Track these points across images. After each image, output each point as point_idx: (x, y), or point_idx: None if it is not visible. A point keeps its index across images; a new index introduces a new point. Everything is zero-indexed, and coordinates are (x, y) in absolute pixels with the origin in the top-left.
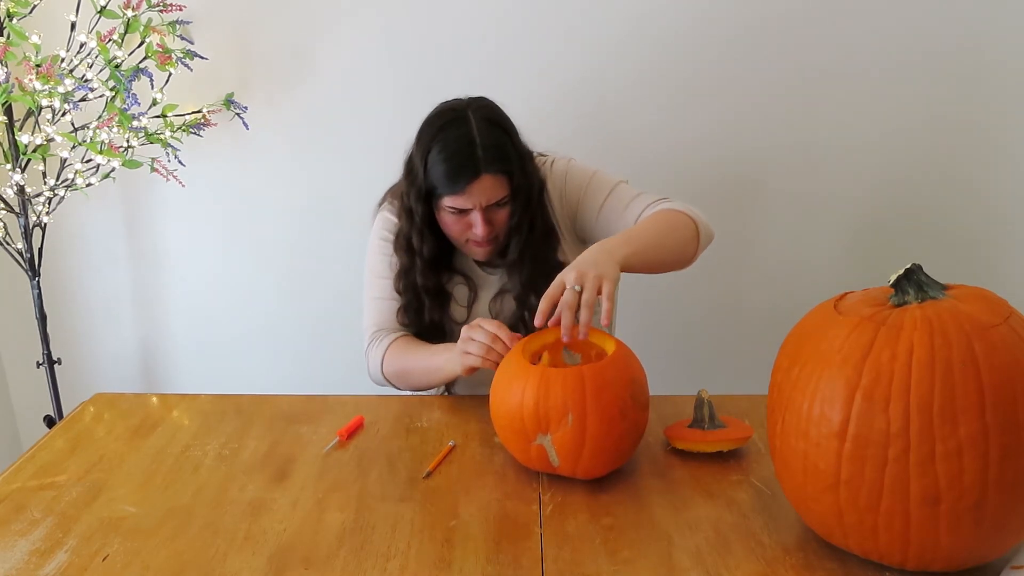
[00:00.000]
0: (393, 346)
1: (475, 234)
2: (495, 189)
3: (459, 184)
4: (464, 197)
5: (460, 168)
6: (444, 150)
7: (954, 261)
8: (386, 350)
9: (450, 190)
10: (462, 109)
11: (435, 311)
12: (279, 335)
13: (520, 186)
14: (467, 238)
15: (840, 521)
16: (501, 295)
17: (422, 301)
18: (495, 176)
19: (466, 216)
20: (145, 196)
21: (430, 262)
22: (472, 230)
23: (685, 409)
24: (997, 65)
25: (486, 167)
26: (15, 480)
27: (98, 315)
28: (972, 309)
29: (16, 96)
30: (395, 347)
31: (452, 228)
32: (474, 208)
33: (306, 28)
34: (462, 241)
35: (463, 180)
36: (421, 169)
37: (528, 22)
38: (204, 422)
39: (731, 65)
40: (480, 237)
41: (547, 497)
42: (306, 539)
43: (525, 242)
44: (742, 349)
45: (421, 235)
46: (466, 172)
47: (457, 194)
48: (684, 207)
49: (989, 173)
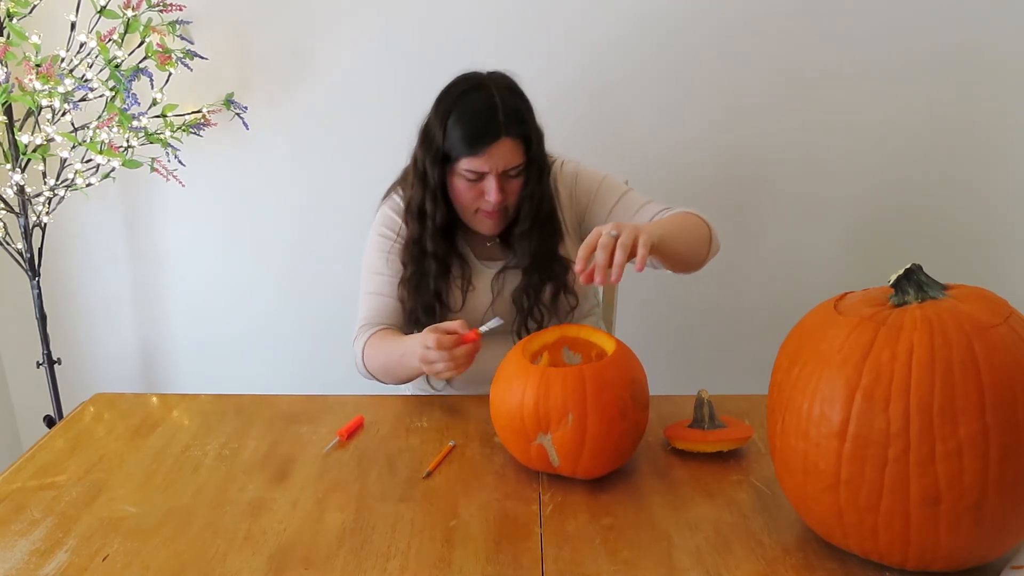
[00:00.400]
0: (372, 339)
1: (487, 201)
2: (513, 154)
3: (479, 146)
4: (483, 159)
5: (481, 130)
6: (465, 113)
7: (954, 261)
8: (365, 343)
9: (469, 152)
10: (483, 77)
11: (440, 280)
12: (279, 335)
13: (536, 157)
14: (477, 208)
15: (840, 521)
16: (503, 272)
17: (428, 270)
18: (514, 141)
19: (480, 184)
20: (145, 196)
21: (441, 229)
22: (484, 197)
23: (685, 409)
24: (997, 65)
25: (507, 130)
26: (15, 480)
27: (98, 315)
28: (972, 309)
29: (16, 96)
30: (373, 340)
31: (464, 195)
32: (490, 172)
33: (306, 28)
34: (471, 211)
35: (483, 142)
36: (439, 133)
37: (528, 21)
38: (204, 422)
39: (731, 65)
40: (492, 204)
41: (547, 497)
42: (306, 539)
43: (531, 222)
44: (742, 349)
45: (435, 200)
46: (487, 134)
47: (476, 156)
48: (698, 213)
49: (989, 173)
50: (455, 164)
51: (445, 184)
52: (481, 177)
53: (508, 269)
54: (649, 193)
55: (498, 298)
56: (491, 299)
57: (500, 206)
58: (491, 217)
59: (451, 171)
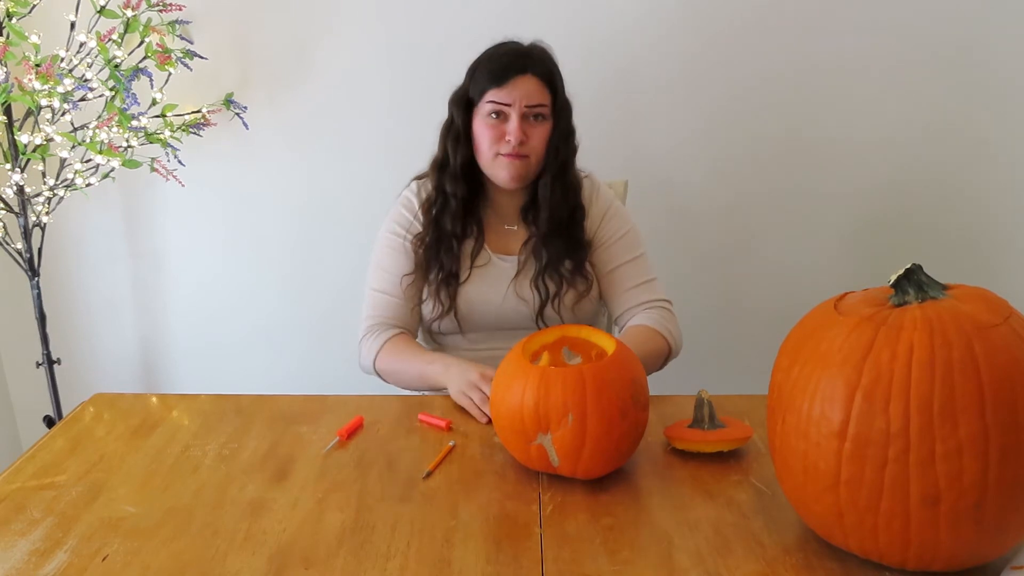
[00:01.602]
0: (391, 343)
1: (508, 142)
2: (538, 92)
3: (504, 78)
4: (506, 90)
5: (508, 64)
6: (493, 56)
7: (954, 261)
8: (383, 345)
9: (494, 83)
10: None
11: (457, 223)
12: (279, 335)
13: (562, 111)
14: (497, 151)
15: (840, 521)
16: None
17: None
18: (540, 80)
19: (502, 125)
20: (145, 196)
21: (463, 168)
22: (506, 137)
23: (685, 409)
24: (998, 66)
25: (532, 68)
26: (15, 480)
27: (98, 315)
28: (972, 309)
29: (16, 96)
30: (392, 345)
31: (487, 134)
32: (513, 107)
33: (306, 28)
34: (492, 155)
35: (508, 75)
36: (467, 80)
37: (527, 21)
38: (204, 422)
39: (732, 65)
40: (514, 142)
41: (547, 497)
42: (306, 539)
43: (552, 186)
44: (742, 349)
45: (457, 140)
46: (512, 67)
47: (500, 87)
48: (664, 327)
49: (990, 173)
50: (479, 103)
51: (469, 128)
52: (504, 115)
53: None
54: (649, 193)
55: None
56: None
57: (522, 143)
58: (512, 160)
59: (475, 113)
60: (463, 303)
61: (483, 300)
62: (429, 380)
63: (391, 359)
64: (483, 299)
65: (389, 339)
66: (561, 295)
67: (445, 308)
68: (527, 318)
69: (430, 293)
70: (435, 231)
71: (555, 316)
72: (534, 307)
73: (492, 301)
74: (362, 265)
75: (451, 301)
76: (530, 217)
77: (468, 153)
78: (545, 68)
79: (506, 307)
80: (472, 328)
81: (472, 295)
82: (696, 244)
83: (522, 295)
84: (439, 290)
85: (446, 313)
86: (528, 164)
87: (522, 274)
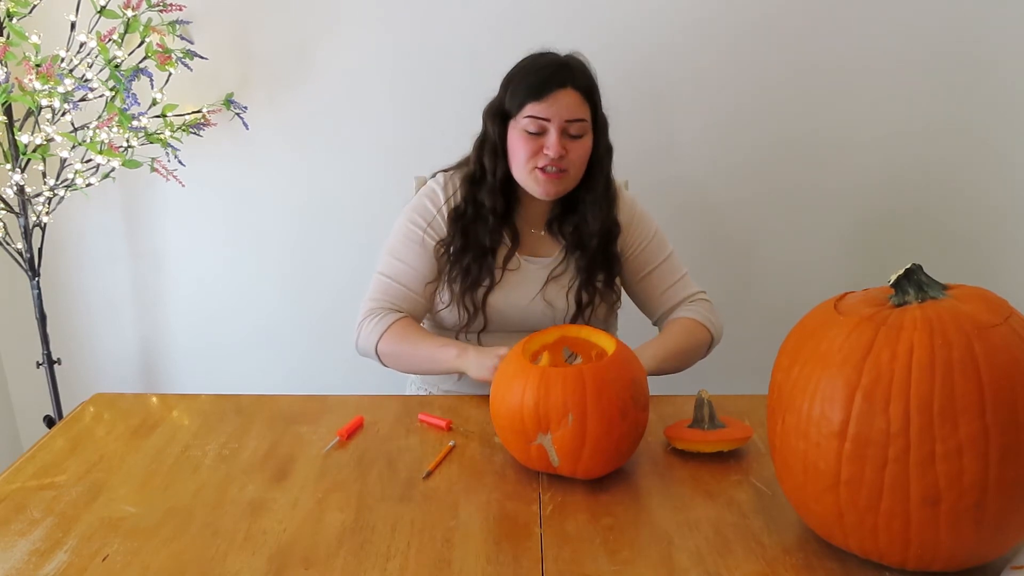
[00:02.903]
0: (396, 326)
1: (546, 156)
2: (578, 106)
3: (544, 91)
4: (546, 104)
5: (547, 77)
6: (531, 69)
7: (954, 261)
8: (388, 327)
9: (533, 97)
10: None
11: (494, 236)
12: (279, 335)
13: (602, 127)
14: (535, 165)
15: (840, 521)
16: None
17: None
18: (579, 94)
19: (540, 138)
20: (145, 196)
21: (501, 183)
22: (544, 151)
23: (685, 409)
24: (998, 66)
25: (573, 81)
26: (15, 480)
27: (98, 315)
28: (972, 309)
29: (16, 96)
30: (398, 327)
31: (523, 149)
32: (552, 122)
33: (306, 28)
34: (528, 169)
35: (549, 87)
36: (502, 93)
37: (528, 21)
38: (204, 422)
39: (732, 63)
40: (553, 156)
41: (547, 497)
42: (306, 539)
43: (598, 204)
44: (742, 349)
45: (494, 155)
46: (552, 81)
47: (540, 100)
48: (706, 317)
49: (990, 173)
50: (517, 116)
51: (504, 140)
52: (543, 130)
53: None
54: (648, 193)
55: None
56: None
57: (560, 158)
58: (549, 176)
59: (511, 126)
60: (491, 310)
61: (510, 304)
62: (441, 364)
63: (396, 341)
64: (509, 303)
65: (395, 322)
66: (595, 307)
67: (471, 314)
68: (551, 322)
69: (453, 299)
70: (462, 240)
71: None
72: (566, 315)
73: (519, 305)
74: (362, 265)
75: (476, 308)
76: (556, 227)
77: (506, 167)
78: (585, 82)
79: (533, 310)
80: (494, 329)
81: (499, 300)
82: (696, 244)
83: (550, 300)
84: (464, 296)
85: (472, 319)
86: (566, 179)
87: (553, 280)
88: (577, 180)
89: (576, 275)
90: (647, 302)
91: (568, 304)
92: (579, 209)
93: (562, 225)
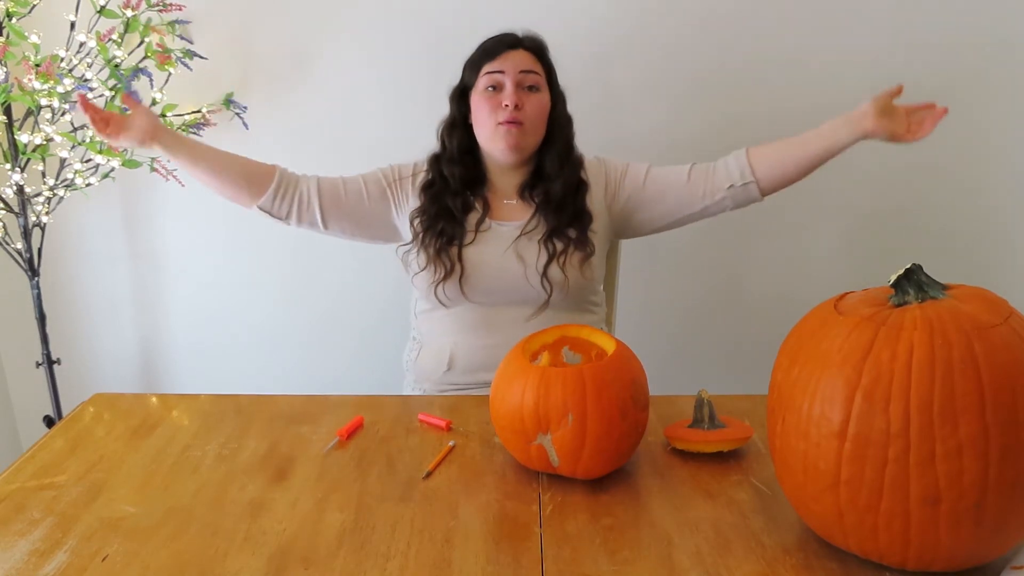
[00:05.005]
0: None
1: (505, 107)
2: (530, 62)
3: (496, 52)
4: (499, 61)
5: (499, 40)
6: (485, 41)
7: (954, 261)
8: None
9: (487, 59)
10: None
11: (458, 199)
12: (279, 335)
13: (557, 93)
14: (496, 121)
15: (840, 521)
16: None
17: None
18: (531, 53)
19: (498, 95)
20: (145, 196)
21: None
22: (503, 104)
23: (685, 409)
24: (998, 66)
25: (523, 43)
26: (15, 480)
27: (98, 315)
28: (972, 309)
29: (16, 96)
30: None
31: (485, 107)
32: (507, 75)
33: (306, 28)
34: (491, 128)
35: (500, 48)
36: (464, 70)
37: (528, 21)
38: (204, 422)
39: (732, 63)
40: (509, 103)
41: (547, 497)
42: (306, 539)
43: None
44: (742, 349)
45: (452, 127)
46: (504, 43)
47: (493, 59)
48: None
49: (990, 173)
50: (476, 84)
51: (466, 118)
52: (499, 84)
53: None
54: None
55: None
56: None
57: (518, 108)
58: (509, 127)
59: (473, 99)
60: (466, 262)
61: (484, 260)
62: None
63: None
64: (484, 259)
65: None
66: (568, 254)
67: (448, 268)
68: (523, 276)
69: (429, 259)
70: (434, 206)
71: (560, 275)
72: (538, 266)
73: (492, 260)
74: (362, 266)
75: (452, 262)
76: (527, 194)
77: (465, 139)
78: (535, 43)
79: (506, 265)
80: (473, 282)
81: (473, 254)
82: (696, 244)
83: (520, 253)
84: (440, 254)
85: (450, 273)
86: (524, 132)
87: (524, 236)
88: (537, 136)
89: (546, 227)
90: (687, 197)
91: (539, 253)
92: (545, 174)
93: (532, 191)
